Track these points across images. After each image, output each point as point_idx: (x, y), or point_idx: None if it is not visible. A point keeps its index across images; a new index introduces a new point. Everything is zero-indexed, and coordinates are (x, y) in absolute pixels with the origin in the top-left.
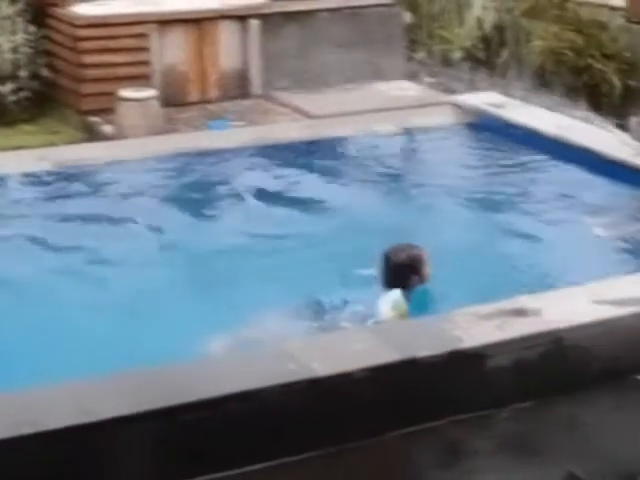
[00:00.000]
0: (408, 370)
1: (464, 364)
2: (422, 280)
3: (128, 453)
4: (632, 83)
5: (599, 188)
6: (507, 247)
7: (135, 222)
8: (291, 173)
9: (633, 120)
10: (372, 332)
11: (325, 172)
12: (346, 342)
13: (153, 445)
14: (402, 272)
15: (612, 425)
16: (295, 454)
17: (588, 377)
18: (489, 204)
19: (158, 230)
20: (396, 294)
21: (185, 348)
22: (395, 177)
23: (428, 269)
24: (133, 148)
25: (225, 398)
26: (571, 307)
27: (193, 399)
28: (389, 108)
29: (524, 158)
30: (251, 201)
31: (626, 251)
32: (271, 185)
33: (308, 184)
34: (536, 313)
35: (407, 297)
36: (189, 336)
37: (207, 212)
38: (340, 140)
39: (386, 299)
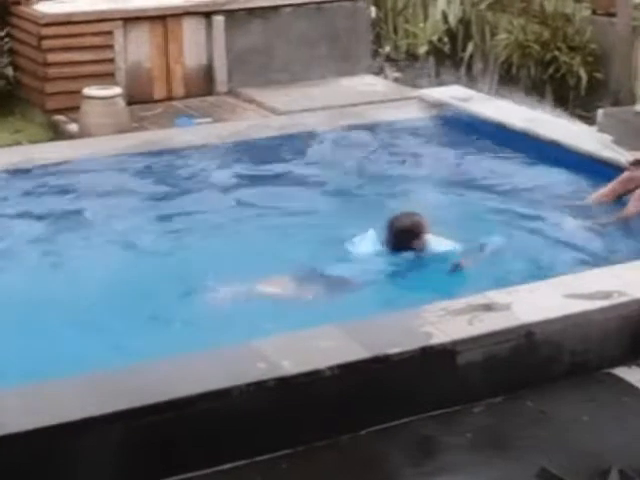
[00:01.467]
0: (379, 367)
1: (435, 360)
2: (423, 244)
3: (97, 454)
4: (598, 75)
5: (565, 180)
6: (471, 239)
7: (98, 220)
8: (258, 169)
9: (599, 112)
10: (342, 329)
11: (292, 167)
12: (316, 340)
13: (122, 446)
14: (406, 236)
15: (583, 419)
16: (266, 453)
17: (559, 371)
18: (455, 198)
19: (124, 228)
20: (371, 233)
21: None
22: (361, 172)
23: (428, 234)
24: (98, 146)
25: (195, 398)
26: (541, 301)
27: (163, 399)
28: (355, 103)
29: (490, 151)
30: (219, 197)
31: (594, 244)
32: (238, 181)
33: (275, 179)
34: (506, 308)
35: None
36: None
37: (174, 209)
38: (307, 136)
39: (361, 238)
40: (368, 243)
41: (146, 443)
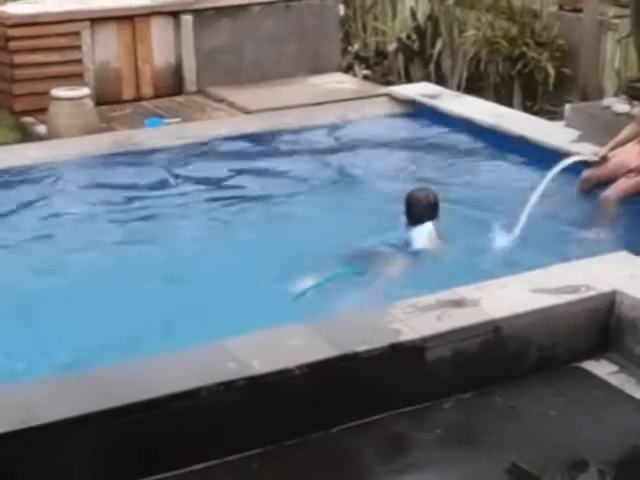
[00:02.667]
0: (348, 365)
1: (404, 357)
2: (438, 218)
3: (71, 457)
4: (566, 70)
5: (534, 175)
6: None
7: (70, 221)
8: (230, 168)
9: (567, 107)
10: (311, 328)
11: (263, 166)
12: (285, 339)
13: (93, 448)
14: (425, 211)
15: (553, 414)
16: (237, 452)
17: (528, 366)
18: None
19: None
20: (428, 226)
21: None
22: (332, 169)
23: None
24: (67, 147)
25: (166, 398)
26: (509, 297)
27: (134, 400)
28: (325, 101)
29: (460, 147)
30: (191, 195)
31: (563, 238)
32: (210, 180)
33: (247, 178)
34: (474, 303)
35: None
36: None
37: (146, 209)
38: (277, 134)
39: (420, 231)
40: (426, 236)
41: (117, 445)
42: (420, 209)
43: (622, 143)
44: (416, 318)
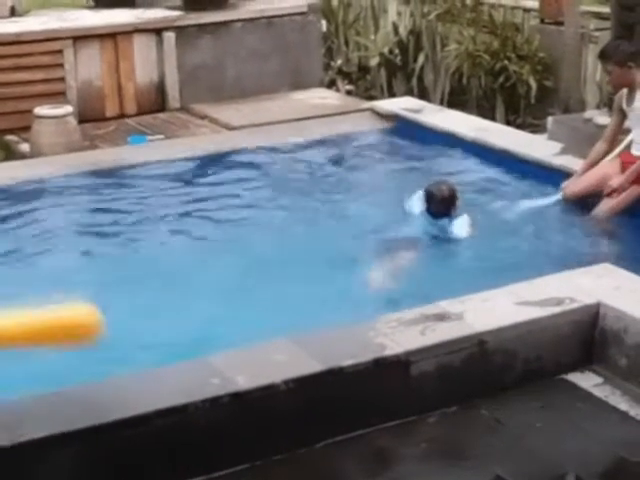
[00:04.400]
0: (333, 379)
1: (389, 371)
2: (457, 210)
3: (55, 474)
4: (548, 83)
5: (518, 188)
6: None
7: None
8: (214, 183)
9: (549, 120)
10: (296, 342)
11: (245, 182)
12: (270, 354)
13: (80, 465)
14: (447, 203)
15: (538, 426)
16: (223, 469)
17: (513, 379)
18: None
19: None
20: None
21: None
22: (316, 184)
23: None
24: (50, 165)
25: (151, 415)
26: (493, 310)
27: (118, 417)
28: (308, 117)
29: (443, 161)
30: (174, 212)
31: (545, 251)
32: (192, 197)
33: (231, 193)
34: (458, 317)
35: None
36: None
37: (129, 227)
38: (260, 150)
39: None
40: (418, 205)
41: (101, 462)
42: (435, 203)
43: (593, 164)
44: (400, 332)
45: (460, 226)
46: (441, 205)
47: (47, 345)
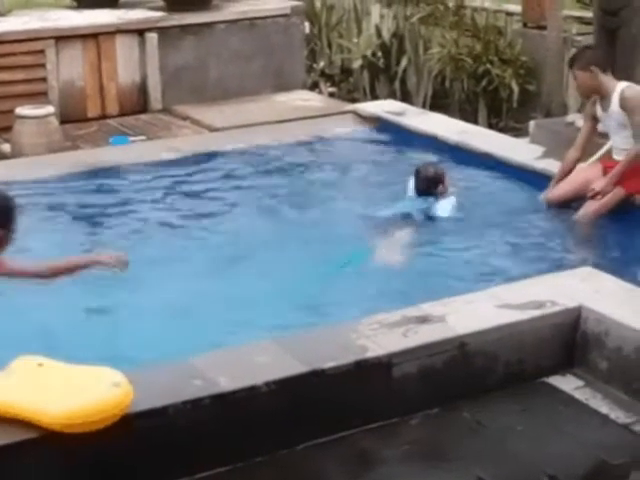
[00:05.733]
0: (315, 381)
1: (371, 373)
2: (444, 190)
3: (35, 476)
4: (530, 87)
5: (499, 192)
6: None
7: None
8: (196, 185)
9: (532, 123)
10: (278, 344)
11: (227, 184)
12: (252, 355)
13: (58, 468)
14: (432, 183)
15: (519, 429)
16: (205, 471)
17: (494, 381)
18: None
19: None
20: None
21: None
22: (298, 186)
23: (447, 182)
24: (32, 166)
25: (131, 417)
26: (475, 312)
27: None
28: (291, 119)
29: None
30: (155, 214)
31: (527, 254)
32: (174, 198)
33: (213, 195)
34: (440, 319)
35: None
36: None
37: (110, 227)
38: (242, 152)
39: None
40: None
41: (83, 464)
42: (421, 182)
43: (566, 172)
44: (382, 334)
45: (443, 206)
46: (425, 183)
47: None
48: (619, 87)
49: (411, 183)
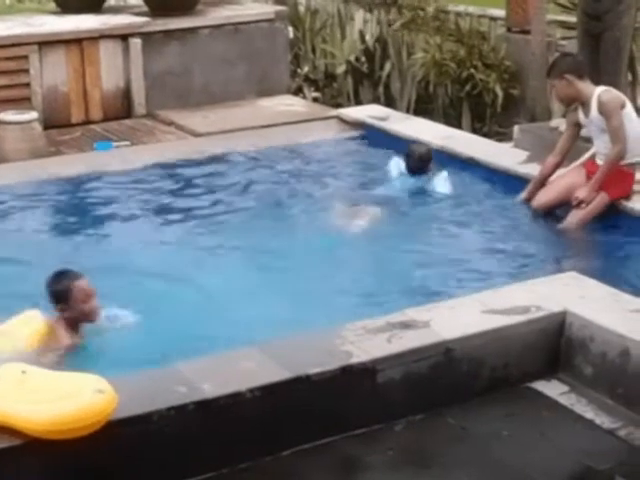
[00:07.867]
0: (300, 387)
1: (355, 379)
2: (432, 168)
3: None
4: (514, 92)
5: (483, 197)
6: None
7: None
8: (179, 190)
9: (515, 128)
10: (262, 350)
11: (211, 188)
12: (236, 361)
13: (45, 474)
14: (426, 161)
15: (504, 435)
16: (190, 477)
17: (479, 387)
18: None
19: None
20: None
21: None
22: (282, 191)
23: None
24: (15, 171)
25: (115, 424)
26: (460, 318)
27: None
28: (275, 123)
29: None
30: (140, 220)
31: (513, 260)
32: (159, 204)
33: (197, 201)
34: (425, 325)
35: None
36: None
37: (95, 234)
38: (226, 157)
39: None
40: (395, 168)
41: (67, 471)
42: (413, 161)
43: (545, 178)
44: (367, 340)
45: (441, 182)
46: (419, 162)
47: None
48: (597, 92)
49: (394, 164)
